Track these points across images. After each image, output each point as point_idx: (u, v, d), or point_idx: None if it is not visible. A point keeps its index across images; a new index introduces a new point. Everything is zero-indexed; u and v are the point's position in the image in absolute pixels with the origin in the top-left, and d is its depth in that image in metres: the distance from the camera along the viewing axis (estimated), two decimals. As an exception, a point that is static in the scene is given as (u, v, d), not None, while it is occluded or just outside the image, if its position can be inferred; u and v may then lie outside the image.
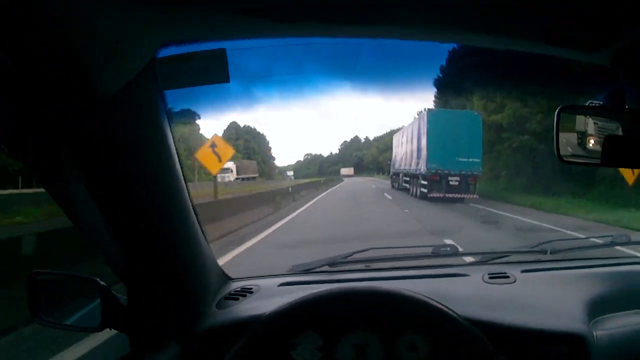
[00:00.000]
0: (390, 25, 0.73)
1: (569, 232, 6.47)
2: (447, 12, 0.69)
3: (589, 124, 0.97)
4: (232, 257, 5.07)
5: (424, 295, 0.97)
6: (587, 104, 0.95)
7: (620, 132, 0.93)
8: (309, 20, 0.72)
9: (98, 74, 0.67)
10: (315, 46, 0.94)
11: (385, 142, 42.27)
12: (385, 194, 16.02)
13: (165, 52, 0.79)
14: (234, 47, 0.90)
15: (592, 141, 0.96)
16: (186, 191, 1.02)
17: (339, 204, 13.57)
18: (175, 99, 0.93)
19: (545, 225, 7.75)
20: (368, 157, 53.41)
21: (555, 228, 7.21)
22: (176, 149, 0.94)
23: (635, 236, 1.56)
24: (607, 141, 0.88)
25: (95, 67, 0.66)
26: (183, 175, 0.99)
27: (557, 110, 0.90)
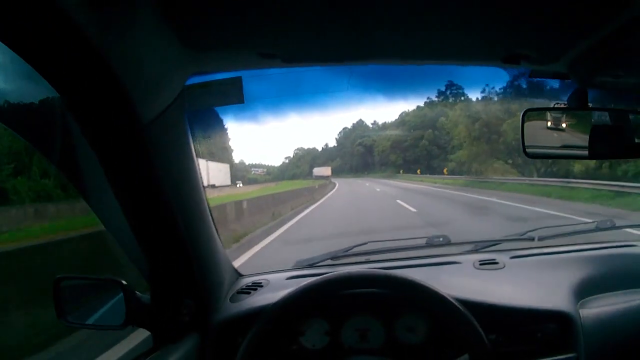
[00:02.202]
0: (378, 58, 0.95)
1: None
2: (417, 43, 0.88)
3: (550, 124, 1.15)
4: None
5: (415, 278, 1.09)
6: (552, 105, 1.10)
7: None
8: (312, 61, 0.95)
9: (141, 102, 0.85)
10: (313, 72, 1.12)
11: (426, 119, 31.96)
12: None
13: (191, 81, 0.99)
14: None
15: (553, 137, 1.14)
16: (205, 198, 1.18)
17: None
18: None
19: None
20: (382, 146, 39.34)
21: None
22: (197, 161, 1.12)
23: (619, 221, 1.70)
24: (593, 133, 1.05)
25: (139, 96, 0.83)
26: (202, 184, 1.16)
27: (522, 113, 1.07)
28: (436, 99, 25.90)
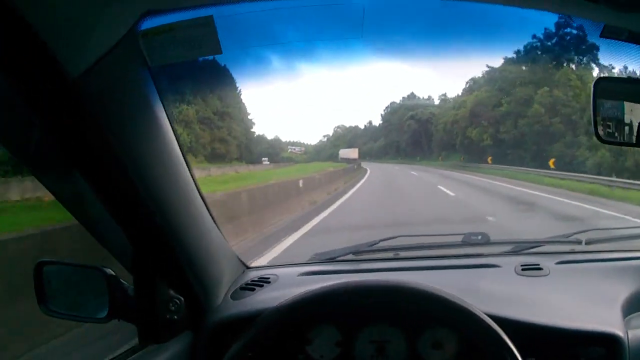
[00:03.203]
0: None
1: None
2: None
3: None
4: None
5: (447, 292, 0.95)
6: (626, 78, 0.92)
7: None
8: None
9: (64, 48, 0.66)
10: (312, 9, 0.88)
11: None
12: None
13: (149, 24, 0.77)
14: (221, 15, 0.86)
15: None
16: (189, 174, 1.03)
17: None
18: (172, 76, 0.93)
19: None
20: (443, 121, 27.74)
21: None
22: (175, 130, 0.94)
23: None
24: None
25: (60, 41, 0.66)
26: (185, 158, 1.00)
27: (594, 82, 0.86)
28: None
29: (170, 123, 0.92)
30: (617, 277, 1.27)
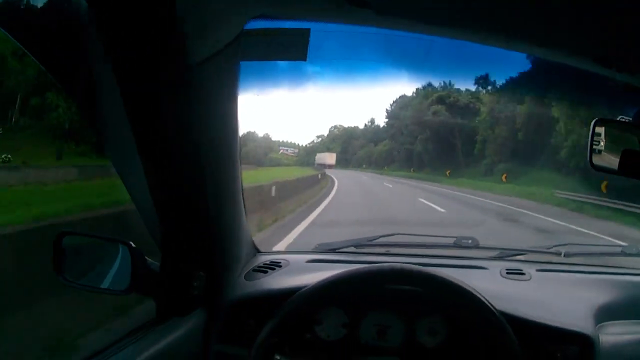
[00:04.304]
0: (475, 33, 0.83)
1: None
2: (520, 28, 0.82)
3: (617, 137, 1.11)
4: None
5: (459, 280, 1.07)
6: (618, 119, 1.08)
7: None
8: (410, 18, 0.80)
9: (192, 38, 0.76)
10: (391, 37, 1.04)
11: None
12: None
13: (252, 25, 0.87)
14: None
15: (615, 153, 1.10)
16: (239, 165, 1.12)
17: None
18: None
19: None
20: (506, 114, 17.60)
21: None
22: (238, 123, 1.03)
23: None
24: (624, 154, 1.03)
25: (190, 32, 0.75)
26: (239, 149, 1.09)
27: (593, 122, 1.05)
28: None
29: (238, 115, 1.01)
30: (591, 288, 1.42)
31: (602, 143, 1.09)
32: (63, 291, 2.01)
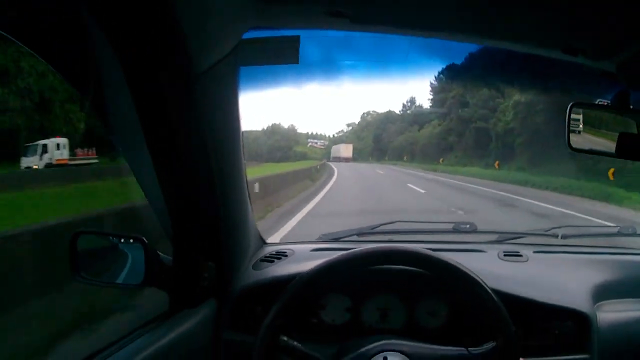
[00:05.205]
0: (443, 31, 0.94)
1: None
2: (486, 21, 0.91)
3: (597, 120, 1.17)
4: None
5: (450, 258, 1.11)
6: (595, 102, 1.15)
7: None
8: (382, 24, 0.94)
9: (197, 50, 0.86)
10: (372, 39, 1.14)
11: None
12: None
13: (248, 35, 0.99)
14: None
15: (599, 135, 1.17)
16: (243, 160, 1.21)
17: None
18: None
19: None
20: None
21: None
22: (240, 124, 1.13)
23: None
24: (621, 137, 1.08)
25: (195, 44, 0.84)
26: (243, 147, 1.18)
27: (569, 106, 1.11)
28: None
29: (240, 118, 1.11)
30: (589, 268, 1.46)
31: (580, 126, 1.15)
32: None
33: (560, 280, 1.36)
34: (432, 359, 1.01)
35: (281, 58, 1.12)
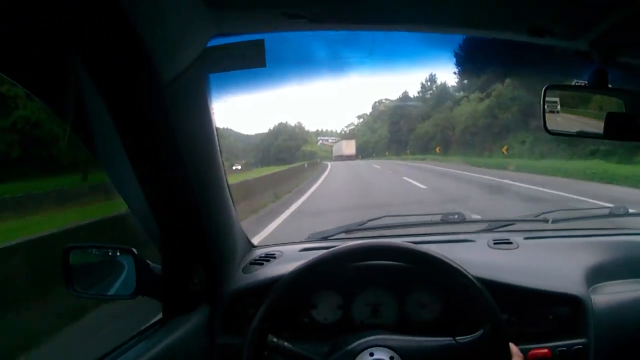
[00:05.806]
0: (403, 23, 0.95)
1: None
2: (443, 10, 0.91)
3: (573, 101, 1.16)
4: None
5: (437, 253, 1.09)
6: (572, 84, 1.14)
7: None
8: (341, 23, 0.96)
9: (161, 61, 0.87)
10: (336, 37, 1.14)
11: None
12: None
13: (213, 43, 1.02)
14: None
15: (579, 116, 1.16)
16: (222, 165, 1.22)
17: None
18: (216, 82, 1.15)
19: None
20: None
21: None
22: (216, 129, 1.14)
23: (632, 208, 1.76)
24: (609, 117, 1.08)
25: (159, 55, 0.85)
26: (220, 153, 1.19)
27: (544, 88, 1.11)
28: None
29: (214, 120, 1.12)
30: (581, 251, 1.46)
31: (558, 107, 1.15)
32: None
33: (552, 265, 1.36)
34: (419, 351, 1.00)
35: (248, 62, 1.13)
